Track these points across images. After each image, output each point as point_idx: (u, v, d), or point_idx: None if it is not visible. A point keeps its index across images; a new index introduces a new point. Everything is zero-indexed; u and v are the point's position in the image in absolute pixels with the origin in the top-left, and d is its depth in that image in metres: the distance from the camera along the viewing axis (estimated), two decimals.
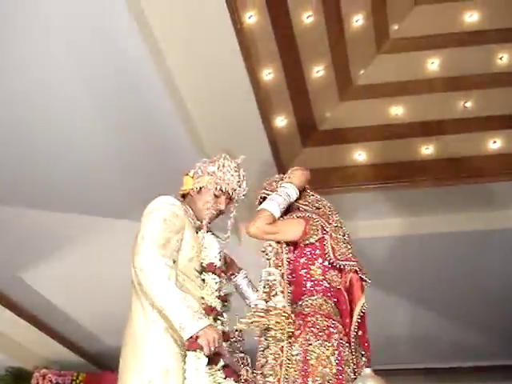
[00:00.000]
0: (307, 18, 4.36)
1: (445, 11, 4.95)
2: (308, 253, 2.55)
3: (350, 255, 2.52)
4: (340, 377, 2.30)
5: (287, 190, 2.59)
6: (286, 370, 2.29)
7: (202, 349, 2.24)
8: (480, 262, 5.75)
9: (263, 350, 2.36)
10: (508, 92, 5.05)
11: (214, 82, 4.06)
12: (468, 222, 5.36)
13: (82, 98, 3.83)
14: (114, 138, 4.24)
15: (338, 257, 2.49)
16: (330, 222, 2.57)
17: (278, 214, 2.53)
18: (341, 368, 2.31)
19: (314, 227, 2.53)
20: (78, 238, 5.29)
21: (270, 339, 2.33)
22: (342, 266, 2.50)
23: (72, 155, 4.31)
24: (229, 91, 4.14)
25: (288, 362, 2.31)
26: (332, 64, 4.85)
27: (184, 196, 2.69)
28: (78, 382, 6.89)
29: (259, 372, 2.33)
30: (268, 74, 4.45)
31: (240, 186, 2.68)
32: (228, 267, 2.76)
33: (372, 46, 5.03)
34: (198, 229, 2.54)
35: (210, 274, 2.44)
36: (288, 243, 2.58)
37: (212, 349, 2.25)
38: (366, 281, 2.53)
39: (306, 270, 2.53)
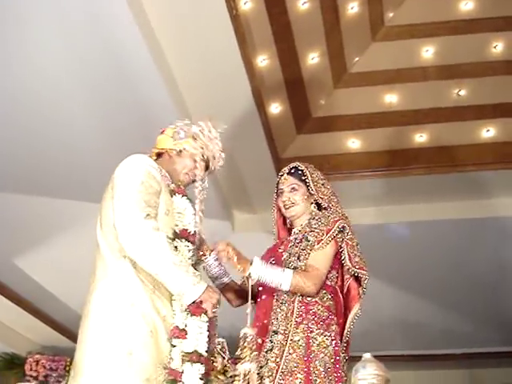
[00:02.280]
0: (303, 4, 4.36)
1: None
2: None
3: (363, 265, 2.55)
4: (337, 366, 2.37)
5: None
6: (286, 360, 2.33)
7: (206, 313, 2.19)
8: (471, 250, 5.79)
9: (266, 352, 2.38)
10: (502, 81, 5.07)
11: (208, 67, 4.05)
12: (460, 210, 5.40)
13: (76, 84, 3.82)
14: (110, 126, 4.23)
15: (354, 264, 2.52)
16: (348, 231, 2.58)
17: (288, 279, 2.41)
18: (338, 357, 2.39)
19: (339, 242, 2.54)
20: (72, 223, 5.28)
21: (275, 342, 2.36)
22: (352, 273, 2.52)
23: (66, 141, 4.30)
24: (224, 77, 4.13)
25: (290, 349, 2.35)
26: (327, 51, 4.85)
27: (159, 155, 2.56)
28: (71, 367, 6.90)
29: (257, 372, 2.31)
30: (263, 61, 4.45)
31: (220, 155, 2.54)
32: (199, 246, 2.61)
33: (367, 33, 5.03)
34: (172, 192, 2.40)
35: (183, 240, 2.32)
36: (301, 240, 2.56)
37: (214, 311, 2.23)
38: (363, 290, 2.55)
39: None
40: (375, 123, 5.19)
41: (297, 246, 2.53)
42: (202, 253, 2.62)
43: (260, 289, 2.54)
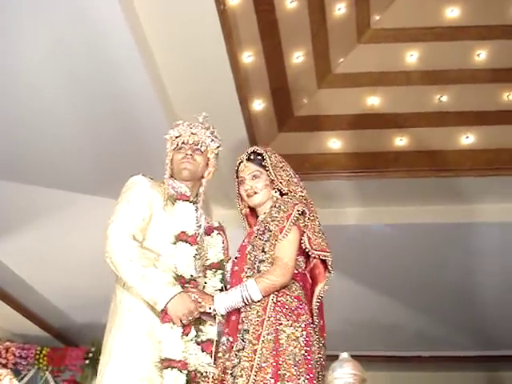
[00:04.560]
0: (290, 2, 4.35)
1: (427, 4, 4.98)
2: None
3: (325, 246, 2.51)
4: (308, 357, 2.31)
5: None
6: (258, 357, 2.27)
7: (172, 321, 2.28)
8: (446, 254, 5.86)
9: (238, 351, 2.33)
10: (483, 89, 5.12)
11: (193, 61, 4.04)
12: (437, 215, 5.46)
13: (55, 70, 3.78)
14: (89, 114, 4.19)
15: (314, 247, 2.48)
16: (309, 213, 2.56)
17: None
18: (308, 349, 2.32)
19: (301, 227, 2.51)
20: (47, 211, 5.23)
21: (246, 342, 2.32)
22: (314, 256, 2.49)
23: (46, 128, 4.26)
24: (208, 72, 4.12)
25: (262, 344, 2.30)
26: (312, 51, 4.86)
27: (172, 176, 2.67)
28: (41, 356, 6.86)
29: (229, 372, 2.31)
30: (248, 57, 4.44)
31: (198, 134, 2.61)
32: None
33: (353, 35, 5.05)
34: (175, 199, 2.52)
35: (181, 242, 2.42)
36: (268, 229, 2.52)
37: (184, 321, 2.28)
38: (330, 272, 2.51)
39: None
40: (357, 125, 5.21)
41: (260, 238, 2.48)
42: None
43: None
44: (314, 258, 2.51)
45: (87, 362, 6.77)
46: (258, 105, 4.86)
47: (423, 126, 5.21)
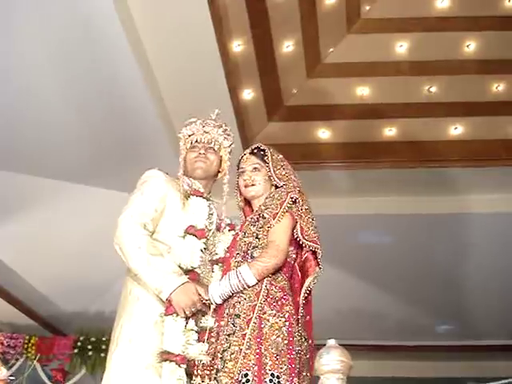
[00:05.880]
0: None
1: None
2: None
3: (316, 238, 2.52)
4: (290, 347, 2.33)
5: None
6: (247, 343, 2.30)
7: (176, 313, 2.29)
8: (432, 245, 5.90)
9: (228, 335, 2.34)
10: (472, 80, 5.14)
11: (183, 50, 4.02)
12: (424, 205, 5.48)
13: (46, 59, 3.76)
14: (80, 106, 4.19)
15: (306, 237, 2.49)
16: (302, 204, 2.57)
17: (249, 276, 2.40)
18: (291, 339, 2.34)
19: (295, 215, 2.51)
20: (35, 199, 5.21)
21: (237, 327, 2.33)
22: (304, 245, 2.49)
23: (35, 118, 4.24)
24: (197, 61, 4.11)
25: (250, 331, 2.31)
26: (302, 40, 4.85)
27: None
28: (29, 345, 6.84)
29: (219, 356, 2.32)
30: (238, 46, 4.43)
31: (211, 132, 2.63)
32: None
33: (343, 25, 5.04)
34: (188, 195, 2.55)
35: (189, 235, 2.45)
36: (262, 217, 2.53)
37: (187, 312, 2.30)
38: (319, 266, 2.51)
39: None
40: (346, 115, 5.23)
41: (253, 225, 2.50)
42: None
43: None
44: (306, 251, 2.52)
45: (76, 350, 6.77)
46: (248, 94, 4.85)
47: (412, 116, 5.23)
